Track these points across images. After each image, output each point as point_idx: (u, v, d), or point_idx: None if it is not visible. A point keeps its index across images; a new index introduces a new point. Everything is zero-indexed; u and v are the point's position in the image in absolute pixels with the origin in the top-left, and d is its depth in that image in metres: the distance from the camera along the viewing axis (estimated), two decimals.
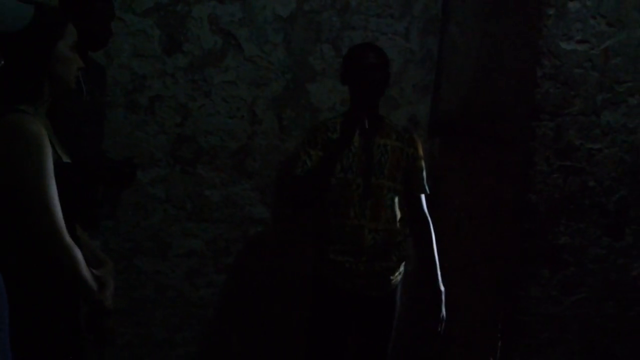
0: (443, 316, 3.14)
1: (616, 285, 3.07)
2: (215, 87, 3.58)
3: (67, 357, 2.21)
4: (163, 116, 3.54)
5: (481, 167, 3.42)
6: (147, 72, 3.50)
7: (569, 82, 2.95)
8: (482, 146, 3.43)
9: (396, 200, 3.03)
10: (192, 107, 3.56)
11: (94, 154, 2.98)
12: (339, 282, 3.05)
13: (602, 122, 3.00)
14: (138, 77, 3.50)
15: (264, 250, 3.71)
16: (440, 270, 3.24)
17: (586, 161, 2.98)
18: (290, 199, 3.32)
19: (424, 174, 3.14)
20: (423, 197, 3.15)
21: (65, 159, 2.17)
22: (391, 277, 3.07)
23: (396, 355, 3.80)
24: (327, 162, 2.98)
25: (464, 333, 3.51)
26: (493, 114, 3.33)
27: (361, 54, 3.05)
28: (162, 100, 3.53)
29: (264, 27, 3.60)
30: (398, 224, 3.05)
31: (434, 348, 3.75)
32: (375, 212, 2.99)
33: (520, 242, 3.03)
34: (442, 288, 3.14)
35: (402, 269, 3.13)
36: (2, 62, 1.75)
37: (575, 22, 2.93)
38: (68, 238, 2.06)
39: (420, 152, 3.13)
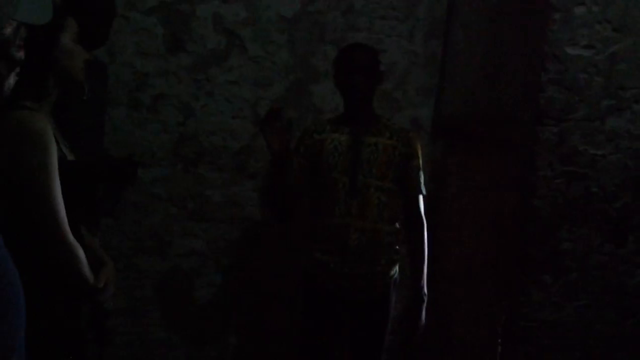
0: (421, 325, 3.07)
1: (618, 292, 3.06)
2: (218, 86, 3.57)
3: (67, 356, 2.20)
4: (165, 115, 3.53)
5: (483, 171, 3.41)
6: (150, 70, 3.50)
7: (573, 87, 2.93)
8: (484, 150, 3.42)
9: (385, 199, 3.00)
10: (194, 106, 3.56)
11: (95, 152, 2.97)
12: (325, 282, 3.04)
13: (606, 128, 2.98)
14: (141, 75, 3.49)
15: (264, 251, 3.70)
16: (437, 276, 3.21)
17: (590, 167, 2.97)
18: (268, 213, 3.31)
19: (421, 174, 3.09)
20: (420, 197, 3.09)
21: (70, 157, 2.16)
22: (378, 281, 3.04)
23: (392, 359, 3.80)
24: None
25: (463, 338, 3.50)
26: (496, 118, 3.32)
27: (346, 55, 3.04)
28: (164, 99, 3.53)
29: (267, 27, 3.60)
30: (387, 225, 3.03)
31: (432, 352, 3.74)
32: (362, 211, 2.97)
33: (523, 247, 3.01)
34: (425, 293, 3.07)
35: (393, 272, 3.09)
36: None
37: (581, 27, 2.92)
38: (71, 237, 2.05)
39: (418, 151, 3.08)
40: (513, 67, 3.20)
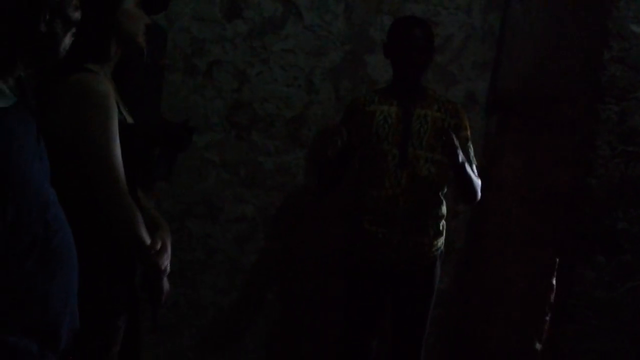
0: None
1: None
2: (273, 54, 3.57)
3: (121, 315, 2.24)
4: (221, 81, 3.55)
5: (538, 148, 3.37)
6: (207, 36, 3.51)
7: (637, 65, 2.87)
8: (540, 127, 3.38)
9: (435, 171, 3.00)
10: (249, 73, 3.56)
11: (153, 116, 3.00)
12: (371, 254, 3.04)
13: None
14: (198, 42, 3.51)
15: (314, 220, 3.71)
16: (485, 252, 3.14)
17: None
18: (317, 185, 3.26)
19: (470, 144, 3.08)
20: (474, 167, 3.07)
21: (129, 120, 2.19)
22: (426, 252, 3.05)
23: (438, 336, 3.81)
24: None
25: (509, 315, 3.49)
26: (554, 95, 3.27)
27: (405, 30, 3.01)
28: (220, 66, 3.54)
29: None
30: (435, 196, 3.03)
31: (478, 329, 3.74)
32: (411, 182, 2.97)
33: (577, 225, 2.98)
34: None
35: (440, 244, 3.11)
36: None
37: None
38: (130, 198, 2.08)
39: (465, 122, 3.08)
40: (573, 44, 3.14)
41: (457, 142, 2.82)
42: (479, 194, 3.06)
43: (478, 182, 3.03)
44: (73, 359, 1.86)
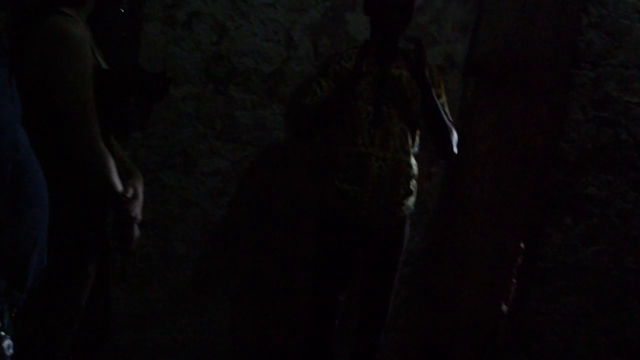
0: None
1: (637, 240, 3.07)
2: (254, 8, 3.53)
3: (91, 261, 2.25)
4: (200, 33, 3.51)
5: (513, 111, 3.40)
6: None
7: (614, 32, 2.89)
8: (516, 91, 3.40)
9: (408, 131, 3.02)
10: (229, 26, 3.53)
11: (129, 65, 2.98)
12: (343, 211, 3.06)
13: None
14: None
15: (289, 176, 3.72)
16: (456, 211, 3.17)
17: (622, 114, 2.95)
18: (295, 128, 3.24)
19: (445, 102, 3.10)
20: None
21: (104, 66, 2.18)
22: (396, 211, 3.07)
23: (409, 294, 3.86)
24: (339, 92, 2.97)
25: (478, 275, 3.54)
26: (531, 59, 3.29)
27: None
28: (199, 17, 3.50)
29: None
30: (407, 156, 3.04)
31: (447, 288, 3.79)
32: (384, 140, 2.99)
33: (547, 189, 3.02)
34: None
35: (411, 204, 3.13)
36: None
37: None
38: (102, 144, 2.08)
39: (438, 82, 3.09)
40: (553, 9, 3.15)
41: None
42: (455, 147, 3.07)
43: (453, 130, 3.04)
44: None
